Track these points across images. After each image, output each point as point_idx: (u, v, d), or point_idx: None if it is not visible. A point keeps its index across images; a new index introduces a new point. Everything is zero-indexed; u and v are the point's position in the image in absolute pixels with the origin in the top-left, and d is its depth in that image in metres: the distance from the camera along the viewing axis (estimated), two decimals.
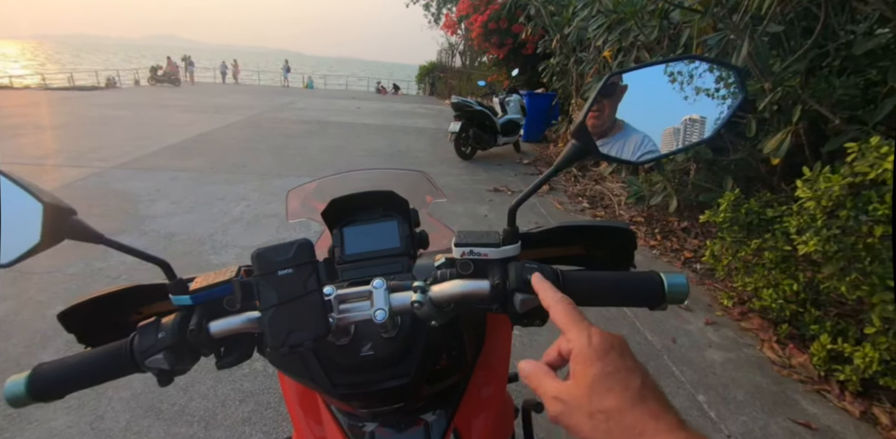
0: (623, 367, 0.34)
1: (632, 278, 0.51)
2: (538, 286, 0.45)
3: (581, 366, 0.35)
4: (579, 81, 6.29)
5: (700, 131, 0.49)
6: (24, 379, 0.47)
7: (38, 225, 0.44)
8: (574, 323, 0.38)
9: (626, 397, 0.32)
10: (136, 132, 7.19)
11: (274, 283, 0.47)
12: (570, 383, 0.35)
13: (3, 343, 2.18)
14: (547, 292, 0.43)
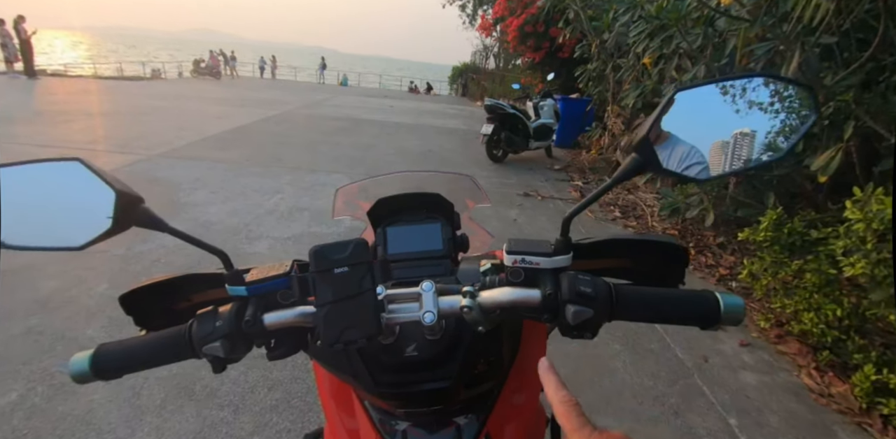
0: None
1: (686, 296, 0.51)
2: (545, 377, 0.42)
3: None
4: (616, 88, 6.19)
5: (750, 146, 0.48)
6: (87, 358, 0.50)
7: (110, 211, 0.46)
8: (575, 430, 0.36)
9: None
10: (178, 122, 7.46)
11: (330, 281, 0.48)
12: None
13: (51, 317, 2.31)
14: (551, 387, 0.41)
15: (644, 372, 2.20)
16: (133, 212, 0.47)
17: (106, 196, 0.45)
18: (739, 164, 0.49)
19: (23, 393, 1.83)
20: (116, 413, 1.76)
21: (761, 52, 2.83)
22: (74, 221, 0.46)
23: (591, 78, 6.63)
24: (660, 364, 2.26)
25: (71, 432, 1.67)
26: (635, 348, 2.35)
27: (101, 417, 1.74)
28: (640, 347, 2.36)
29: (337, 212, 0.89)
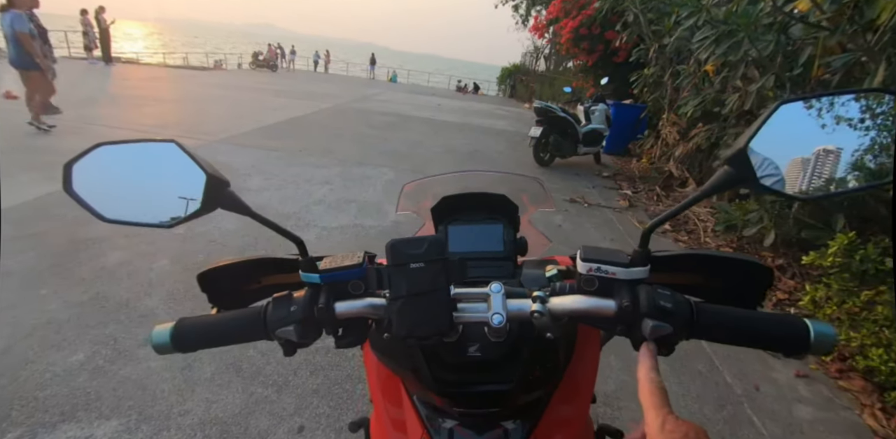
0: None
1: (772, 320, 0.48)
2: (644, 356, 0.44)
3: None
4: (674, 95, 5.96)
5: (833, 164, 0.45)
6: (168, 330, 0.52)
7: (200, 193, 0.48)
8: (654, 407, 0.38)
9: None
10: (237, 111, 7.81)
11: (405, 275, 0.48)
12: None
13: (115, 287, 2.47)
14: (645, 368, 0.43)
15: (690, 393, 2.10)
16: (220, 195, 0.49)
17: (197, 177, 0.47)
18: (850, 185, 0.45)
19: (89, 354, 1.97)
20: (170, 382, 1.87)
21: (839, 63, 2.63)
22: (166, 200, 0.49)
23: (648, 84, 6.41)
24: (707, 387, 2.15)
25: (129, 395, 1.78)
26: (681, 368, 2.25)
27: (156, 384, 1.85)
28: (687, 367, 2.26)
29: (401, 207, 0.90)
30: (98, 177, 0.48)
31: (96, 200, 0.47)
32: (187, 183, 0.47)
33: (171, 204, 0.48)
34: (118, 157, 0.48)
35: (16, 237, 2.89)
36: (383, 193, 4.33)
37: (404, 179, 4.42)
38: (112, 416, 1.68)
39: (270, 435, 1.65)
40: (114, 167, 0.48)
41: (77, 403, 1.72)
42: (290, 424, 1.71)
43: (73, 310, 2.24)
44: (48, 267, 2.60)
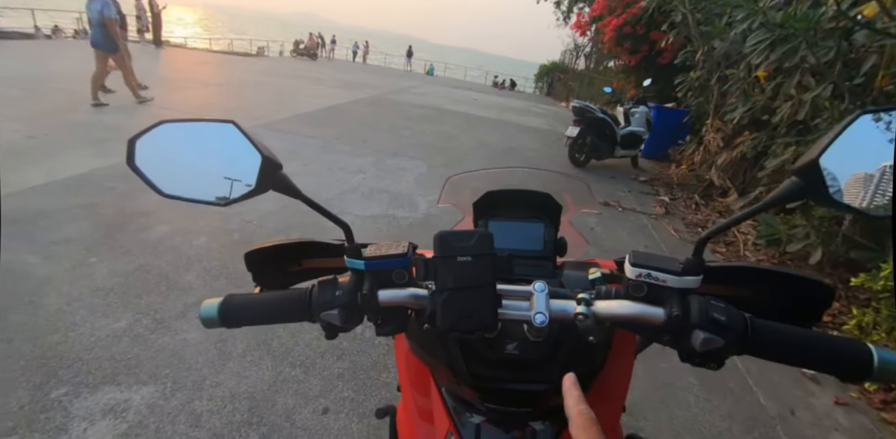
0: None
1: (833, 342, 0.46)
2: (568, 390, 0.42)
3: None
4: (720, 101, 5.73)
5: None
6: (216, 305, 0.53)
7: (254, 174, 0.48)
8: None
9: None
10: (278, 97, 7.98)
11: (452, 268, 0.48)
12: None
13: (157, 260, 2.57)
14: (572, 399, 0.40)
15: (719, 411, 2.03)
16: (273, 177, 0.49)
17: (252, 159, 0.48)
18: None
19: (131, 322, 2.07)
20: (205, 354, 1.94)
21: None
22: (221, 179, 0.49)
23: (693, 87, 6.18)
24: (738, 406, 2.07)
25: (166, 364, 1.86)
26: (712, 384, 2.17)
27: (192, 355, 1.92)
28: (718, 384, 2.18)
29: (443, 200, 0.90)
30: (159, 153, 0.49)
31: (156, 176, 0.49)
32: (242, 163, 0.48)
33: (225, 183, 0.49)
34: (179, 135, 0.50)
35: (73, 206, 3.05)
36: (416, 185, 4.35)
37: (437, 173, 4.44)
38: (149, 382, 1.76)
39: (296, 414, 1.69)
40: (174, 144, 0.49)
41: (118, 367, 1.81)
42: (316, 405, 1.75)
43: (118, 279, 2.35)
44: (99, 237, 2.73)
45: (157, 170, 0.49)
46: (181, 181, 0.50)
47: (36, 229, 2.72)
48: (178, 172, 0.50)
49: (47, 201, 3.08)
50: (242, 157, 0.48)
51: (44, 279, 2.28)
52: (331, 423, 1.67)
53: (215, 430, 1.59)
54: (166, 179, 0.49)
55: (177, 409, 1.66)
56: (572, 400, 0.41)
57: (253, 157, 0.48)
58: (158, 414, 1.62)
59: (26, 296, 2.14)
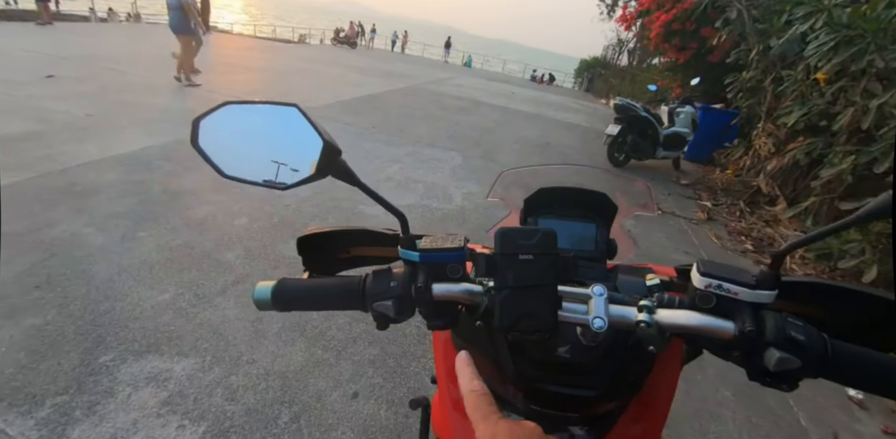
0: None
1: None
2: (461, 369, 0.41)
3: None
4: (774, 103, 5.44)
5: None
6: (270, 288, 0.53)
7: (315, 159, 0.47)
8: (482, 418, 0.35)
9: None
10: (318, 84, 8.09)
11: (513, 265, 0.46)
12: None
13: (200, 237, 2.66)
14: (465, 378, 0.40)
15: (756, 431, 1.94)
16: (332, 164, 0.48)
17: (314, 143, 0.47)
18: None
19: (174, 295, 2.15)
20: (242, 331, 2.00)
21: None
22: (281, 163, 0.49)
23: (744, 88, 5.89)
24: (779, 427, 1.98)
25: (206, 338, 1.93)
26: (750, 401, 2.08)
27: (230, 332, 1.98)
28: (757, 402, 2.09)
29: (493, 194, 0.88)
30: (222, 134, 0.49)
31: (218, 156, 0.49)
32: (303, 148, 0.48)
33: (285, 167, 0.49)
34: (242, 117, 0.50)
35: (124, 182, 3.19)
36: (451, 177, 4.33)
37: (473, 164, 4.41)
38: (190, 354, 1.83)
39: (326, 396, 1.73)
40: (237, 126, 0.49)
41: (161, 338, 1.89)
42: (346, 389, 1.77)
43: (164, 254, 2.44)
44: (147, 212, 2.84)
45: (220, 151, 0.49)
46: (242, 163, 0.50)
47: (91, 202, 2.85)
48: (239, 154, 0.50)
49: (101, 176, 3.23)
50: (303, 142, 0.48)
51: (97, 249, 2.39)
52: (360, 408, 1.69)
53: (249, 406, 1.64)
54: (228, 160, 0.49)
55: (214, 382, 1.71)
56: (465, 378, 0.40)
57: (314, 142, 0.48)
58: (197, 386, 1.69)
59: (81, 264, 2.26)
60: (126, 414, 1.53)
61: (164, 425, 1.51)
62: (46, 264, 2.21)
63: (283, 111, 0.49)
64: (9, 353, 1.70)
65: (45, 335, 1.81)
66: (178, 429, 1.50)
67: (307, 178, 0.49)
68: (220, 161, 0.50)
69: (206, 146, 0.49)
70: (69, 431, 1.44)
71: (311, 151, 0.48)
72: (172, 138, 4.12)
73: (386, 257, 0.69)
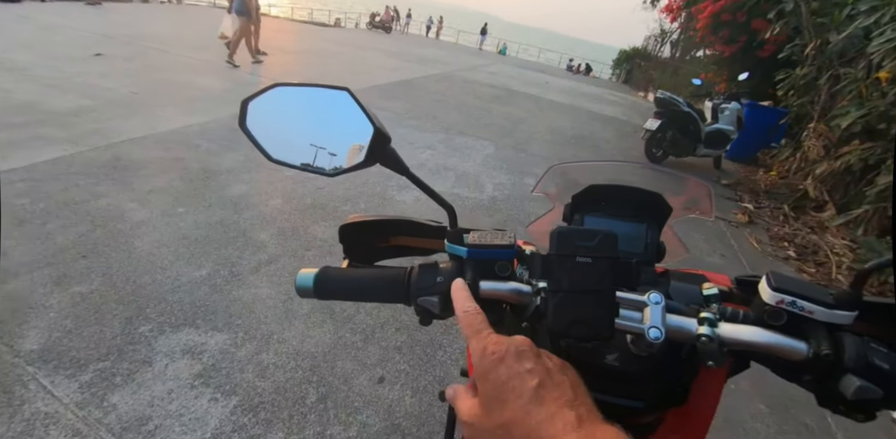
0: (516, 373, 0.32)
1: None
2: (456, 293, 0.42)
3: (479, 381, 0.33)
4: (828, 102, 5.13)
5: None
6: (312, 275, 0.51)
7: (364, 145, 0.45)
8: (475, 333, 0.36)
9: (518, 405, 0.30)
10: (352, 68, 8.09)
11: (569, 267, 0.43)
12: (475, 401, 0.33)
13: (236, 216, 2.72)
14: (460, 301, 0.41)
15: None
16: (382, 151, 0.47)
17: (364, 129, 0.45)
18: None
19: (210, 271, 2.21)
20: (273, 310, 2.03)
21: None
22: (330, 148, 0.47)
23: (796, 85, 5.56)
24: None
25: (238, 314, 1.97)
26: (786, 415, 1.99)
27: (262, 310, 2.02)
28: (792, 416, 1.99)
29: (539, 188, 0.84)
30: (270, 116, 0.48)
31: (266, 139, 0.48)
32: (353, 133, 0.46)
33: (334, 152, 0.47)
34: (291, 99, 0.48)
35: (165, 158, 3.28)
36: (482, 166, 4.28)
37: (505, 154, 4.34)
38: (223, 330, 1.88)
39: (353, 379, 1.74)
40: (286, 108, 0.48)
41: (197, 312, 1.94)
42: (372, 373, 1.79)
43: (201, 230, 2.51)
44: (186, 189, 2.92)
45: (267, 133, 0.48)
46: (289, 147, 0.49)
47: (134, 177, 2.95)
48: (286, 138, 0.49)
49: (145, 152, 3.33)
50: (353, 127, 0.46)
51: (139, 223, 2.47)
52: (385, 393, 1.71)
53: (278, 384, 1.67)
54: (275, 144, 0.48)
55: (246, 359, 1.76)
56: (460, 301, 0.41)
57: (364, 128, 0.46)
58: (230, 361, 1.73)
59: (124, 237, 2.34)
60: (163, 383, 1.59)
61: (197, 396, 1.56)
62: (92, 235, 2.30)
63: (333, 95, 0.47)
64: (57, 318, 1.78)
65: (89, 302, 1.89)
66: (211, 402, 1.55)
67: (356, 166, 0.47)
68: (267, 144, 0.48)
69: (254, 128, 0.48)
70: (109, 396, 1.51)
71: (360, 137, 0.46)
72: (211, 118, 4.21)
73: (427, 249, 0.67)
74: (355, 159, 0.47)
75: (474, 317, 0.38)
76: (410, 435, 1.56)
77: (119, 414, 1.45)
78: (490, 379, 0.32)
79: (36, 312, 1.79)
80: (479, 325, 0.37)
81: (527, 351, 0.34)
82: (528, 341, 0.35)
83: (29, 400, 1.44)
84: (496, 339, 0.35)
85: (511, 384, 0.31)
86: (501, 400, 0.31)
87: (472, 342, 0.36)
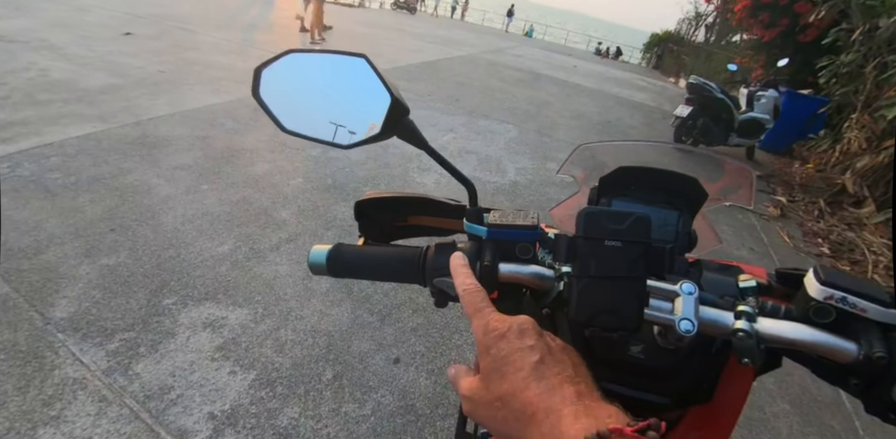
0: (517, 348, 0.32)
1: None
2: (455, 268, 0.41)
3: (481, 357, 0.34)
4: (874, 92, 4.83)
5: None
6: (326, 252, 0.49)
7: (381, 116, 0.43)
8: (476, 312, 0.36)
9: (518, 378, 0.31)
10: (376, 49, 7.99)
11: (597, 251, 0.40)
12: (476, 377, 0.34)
13: (258, 194, 2.74)
14: (460, 277, 0.40)
15: None
16: (399, 122, 0.45)
17: (381, 99, 0.43)
18: None
19: (232, 248, 2.24)
20: (292, 287, 2.06)
21: None
22: (345, 119, 0.45)
23: (840, 73, 5.24)
24: None
25: (259, 291, 2.00)
26: (809, 416, 1.93)
27: (281, 287, 2.05)
28: (817, 417, 1.93)
29: (564, 169, 0.80)
30: (284, 85, 0.46)
31: (279, 109, 0.46)
32: (369, 104, 0.44)
33: (349, 123, 0.46)
34: (306, 67, 0.46)
35: (190, 136, 3.32)
36: (505, 150, 4.20)
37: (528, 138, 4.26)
38: (244, 305, 1.91)
39: (369, 359, 1.76)
40: (300, 76, 0.46)
41: (218, 287, 1.98)
42: (388, 354, 1.80)
43: (224, 207, 2.54)
44: (210, 166, 2.96)
45: (281, 103, 0.46)
46: (303, 117, 0.47)
47: (160, 154, 3.00)
48: (301, 107, 0.47)
49: (170, 130, 3.37)
50: (369, 97, 0.44)
51: (164, 198, 2.52)
52: (401, 373, 1.72)
53: (295, 360, 1.70)
54: (288, 114, 0.46)
55: (265, 334, 1.79)
56: (460, 277, 0.40)
57: (382, 99, 0.43)
58: (249, 336, 1.77)
59: (150, 211, 2.39)
60: (185, 354, 1.63)
61: (218, 369, 1.60)
62: (120, 209, 2.36)
63: (349, 62, 0.45)
64: (86, 289, 1.84)
65: (116, 275, 1.94)
66: (230, 375, 1.59)
67: (371, 137, 0.45)
68: (281, 114, 0.46)
69: (268, 97, 0.46)
70: (134, 365, 1.55)
71: (377, 108, 0.44)
72: (235, 97, 4.23)
73: (446, 229, 0.64)
74: (371, 131, 0.45)
75: (475, 294, 0.38)
76: (424, 416, 1.57)
77: (143, 383, 1.50)
78: (491, 354, 0.33)
79: (66, 282, 1.85)
80: (480, 303, 0.37)
81: (529, 329, 0.34)
82: (530, 320, 0.35)
83: (59, 366, 1.50)
84: (498, 317, 0.35)
85: (512, 358, 0.32)
86: (501, 374, 0.31)
87: (474, 320, 0.36)
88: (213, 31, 7.05)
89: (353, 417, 1.52)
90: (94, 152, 2.87)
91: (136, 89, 4.03)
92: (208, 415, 1.43)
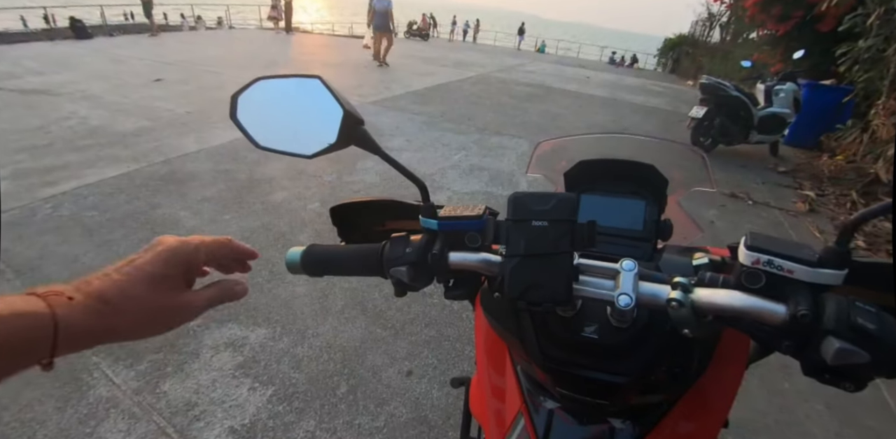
0: None
1: None
2: None
3: None
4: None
5: None
6: (300, 252, 0.55)
7: (336, 128, 0.48)
8: None
9: None
10: (389, 76, 8.30)
11: (525, 232, 0.43)
12: None
13: (277, 220, 2.87)
14: None
15: None
16: (354, 132, 0.49)
17: (335, 113, 0.48)
18: None
19: (253, 272, 2.33)
20: (310, 307, 2.13)
21: None
22: (308, 133, 0.51)
23: (861, 59, 5.03)
24: None
25: (277, 311, 2.09)
26: (846, 416, 1.82)
27: (299, 307, 2.13)
28: (855, 418, 1.81)
29: (532, 168, 0.83)
30: (256, 107, 0.52)
31: (254, 129, 0.52)
32: (327, 118, 0.49)
33: (312, 136, 0.51)
34: (273, 90, 0.52)
35: (214, 170, 3.53)
36: (516, 164, 4.25)
37: None
38: (263, 325, 1.99)
39: (382, 372, 1.80)
40: (269, 99, 0.52)
41: (239, 309, 2.07)
42: (401, 367, 1.83)
43: (245, 234, 2.68)
44: (232, 197, 3.13)
45: (255, 123, 0.52)
46: (275, 134, 0.53)
47: (187, 189, 3.20)
48: (272, 126, 0.53)
49: (197, 165, 3.60)
50: (327, 112, 0.49)
51: (191, 229, 2.68)
52: (413, 385, 1.74)
53: (311, 375, 1.75)
54: (262, 132, 0.52)
55: (282, 351, 1.86)
56: None
57: (336, 112, 0.49)
58: (268, 353, 1.84)
59: None
60: (207, 373, 1.71)
61: (238, 386, 1.67)
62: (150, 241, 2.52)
63: (307, 83, 0.51)
64: None
65: None
66: (250, 391, 1.65)
67: (329, 147, 0.50)
68: (256, 133, 0.53)
69: (243, 119, 0.52)
70: (161, 384, 1.65)
71: (333, 121, 0.49)
72: None
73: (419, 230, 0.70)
74: (329, 141, 0.50)
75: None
76: (436, 427, 1.58)
77: (169, 401, 1.58)
78: None
79: None
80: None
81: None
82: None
83: (94, 386, 1.61)
84: None
85: None
86: None
87: None
88: (237, 71, 7.51)
89: (366, 429, 1.55)
90: (128, 190, 3.09)
91: (166, 130, 4.34)
92: (229, 429, 1.50)
